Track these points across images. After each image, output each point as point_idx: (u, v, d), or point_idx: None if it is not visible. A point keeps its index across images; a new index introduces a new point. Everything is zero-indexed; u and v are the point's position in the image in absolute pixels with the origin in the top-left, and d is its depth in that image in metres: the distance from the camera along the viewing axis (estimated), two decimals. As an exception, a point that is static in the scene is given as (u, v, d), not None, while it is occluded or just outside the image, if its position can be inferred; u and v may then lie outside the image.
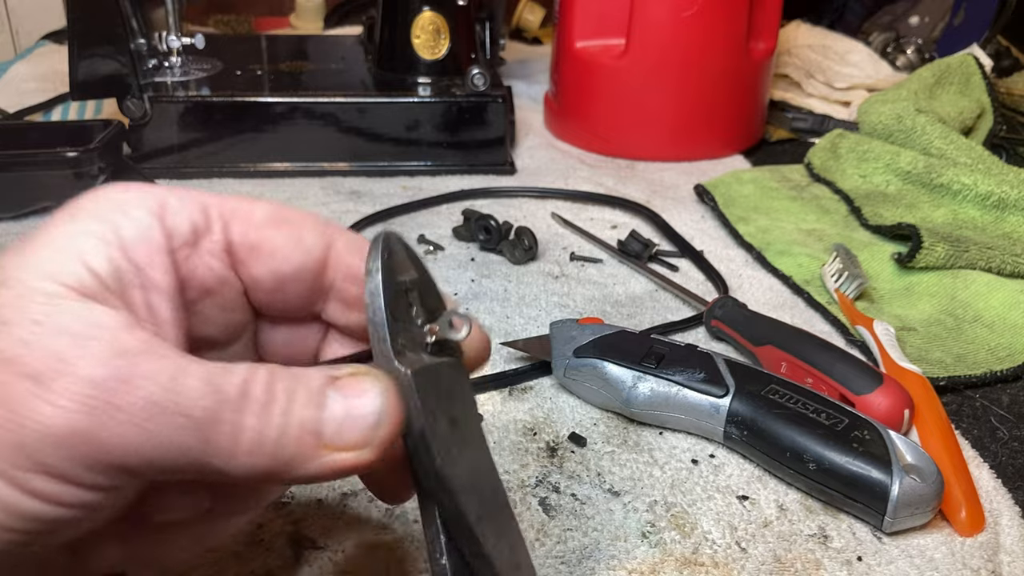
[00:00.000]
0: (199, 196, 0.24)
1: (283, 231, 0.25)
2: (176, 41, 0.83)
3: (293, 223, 0.25)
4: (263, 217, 0.25)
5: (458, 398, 0.25)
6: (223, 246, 0.24)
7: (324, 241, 0.25)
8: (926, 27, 1.19)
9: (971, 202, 0.71)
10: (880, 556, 0.38)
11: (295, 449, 0.21)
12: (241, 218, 0.25)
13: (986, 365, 0.52)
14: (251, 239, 0.25)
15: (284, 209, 0.25)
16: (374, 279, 0.23)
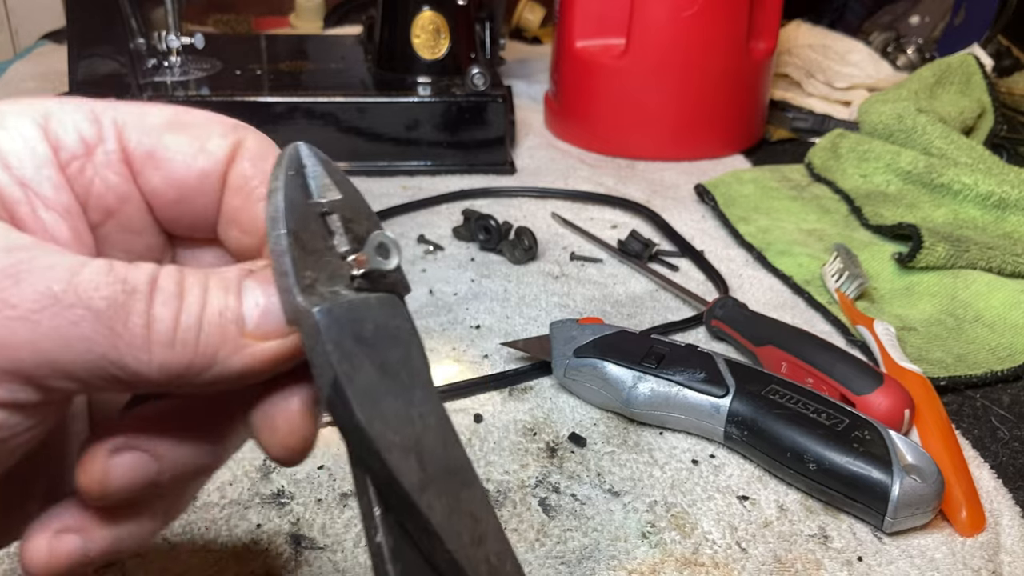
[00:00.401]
0: (89, 103, 0.22)
1: (182, 134, 0.22)
2: (175, 41, 0.83)
3: (194, 125, 0.22)
4: (160, 120, 0.22)
5: (392, 339, 0.22)
6: (119, 156, 0.22)
7: (231, 143, 0.22)
8: (926, 27, 1.19)
9: (972, 202, 0.71)
10: (880, 556, 0.38)
11: (218, 338, 0.19)
12: (136, 123, 0.22)
13: (987, 365, 0.52)
14: (146, 145, 0.22)
15: (185, 111, 0.23)
16: (274, 200, 0.21)
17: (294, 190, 0.21)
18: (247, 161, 0.22)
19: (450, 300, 0.60)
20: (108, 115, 0.22)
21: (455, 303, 0.59)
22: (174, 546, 0.37)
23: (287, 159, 0.21)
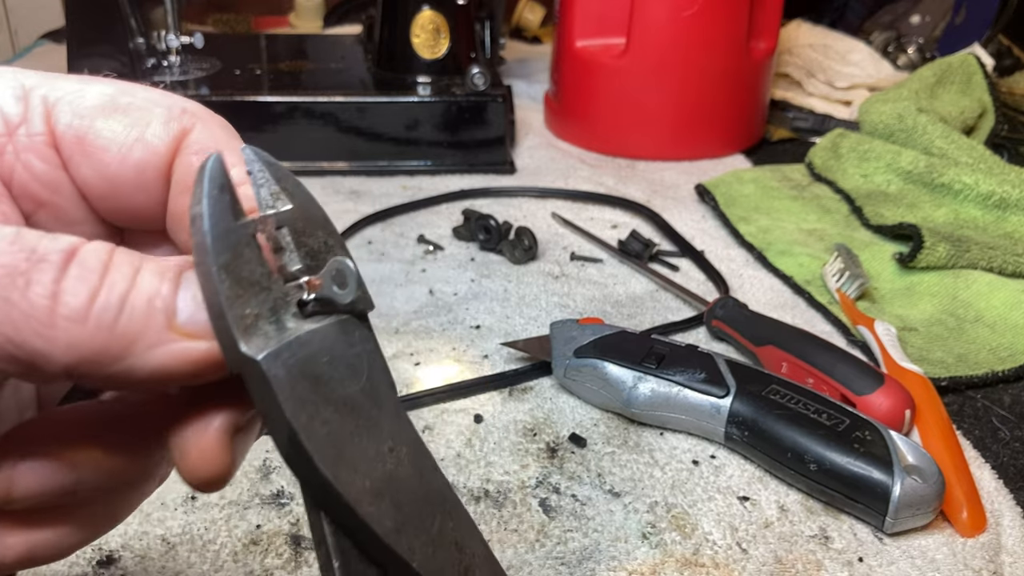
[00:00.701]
0: (20, 75, 0.19)
1: (117, 118, 0.19)
2: (175, 40, 0.83)
3: (134, 109, 0.19)
4: (96, 100, 0.19)
5: (351, 369, 0.19)
6: (46, 140, 0.19)
7: (174, 132, 0.19)
8: (927, 26, 1.19)
9: (972, 202, 0.71)
10: (881, 557, 0.38)
11: (141, 325, 0.17)
12: (69, 103, 0.19)
13: (987, 365, 0.52)
14: (76, 129, 0.19)
15: (130, 90, 0.20)
16: (197, 230, 0.17)
17: (220, 213, 0.18)
18: (194, 156, 0.19)
19: (450, 300, 0.59)
20: (39, 91, 0.19)
21: (455, 303, 0.59)
22: (173, 546, 0.37)
23: (207, 177, 0.18)
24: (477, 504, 0.41)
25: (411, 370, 0.51)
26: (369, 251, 0.67)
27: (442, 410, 0.47)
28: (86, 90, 0.19)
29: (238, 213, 0.18)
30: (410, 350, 0.53)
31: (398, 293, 0.60)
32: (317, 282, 0.19)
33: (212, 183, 0.18)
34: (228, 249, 0.17)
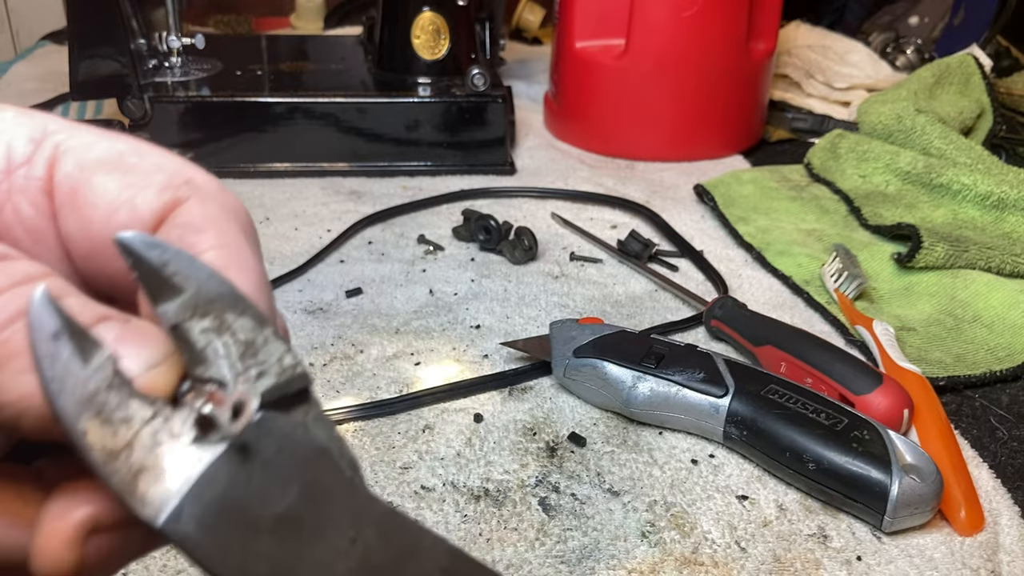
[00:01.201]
0: (42, 121, 0.18)
1: (116, 177, 0.17)
2: (176, 41, 0.83)
3: (136, 171, 0.18)
4: (101, 155, 0.18)
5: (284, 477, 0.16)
6: (43, 185, 0.17)
7: (166, 201, 0.17)
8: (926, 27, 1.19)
9: (971, 202, 0.71)
10: (880, 556, 0.38)
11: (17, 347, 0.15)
12: (76, 153, 0.18)
13: (985, 365, 0.52)
14: (74, 180, 0.17)
15: (140, 151, 0.18)
16: (47, 393, 0.15)
17: (63, 370, 0.15)
18: (177, 229, 0.17)
19: (450, 300, 0.60)
20: (55, 137, 0.18)
21: (455, 303, 0.59)
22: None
23: (33, 330, 0.15)
24: (477, 503, 0.41)
25: (411, 370, 0.51)
26: (369, 251, 0.67)
27: (442, 409, 0.48)
28: (98, 144, 0.18)
29: (88, 351, 0.15)
30: (410, 350, 0.53)
31: (398, 293, 0.60)
32: (219, 396, 0.16)
33: (41, 336, 0.15)
34: (87, 409, 0.15)
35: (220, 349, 0.16)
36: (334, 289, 0.61)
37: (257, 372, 0.16)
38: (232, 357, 0.16)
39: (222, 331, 0.16)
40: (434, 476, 0.43)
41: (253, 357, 0.16)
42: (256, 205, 0.74)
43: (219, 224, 0.17)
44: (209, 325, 0.16)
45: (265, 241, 0.68)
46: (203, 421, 0.15)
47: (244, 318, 0.16)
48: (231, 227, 0.18)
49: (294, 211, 0.73)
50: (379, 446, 0.45)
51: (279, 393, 0.16)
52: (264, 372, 0.16)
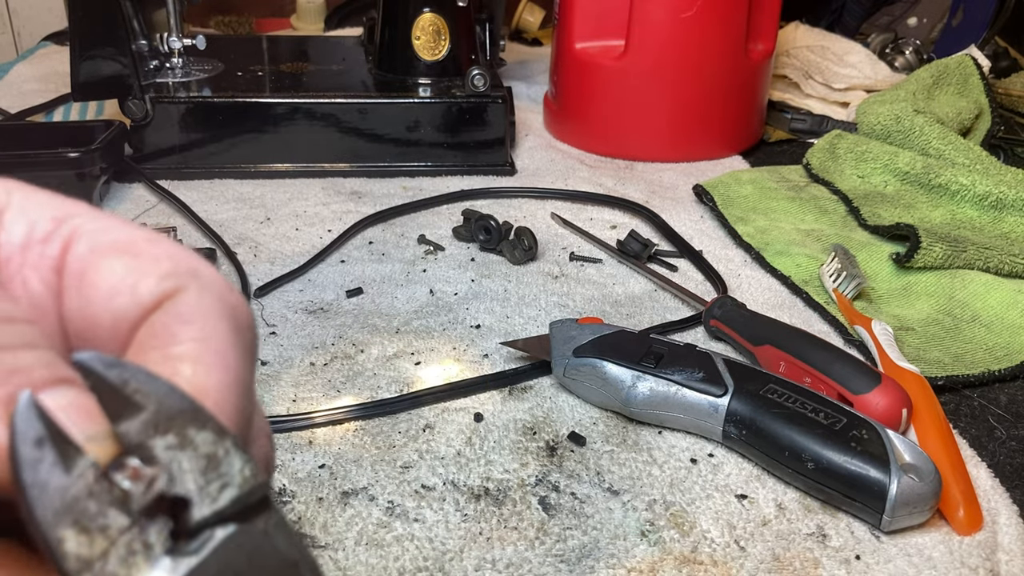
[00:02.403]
0: (69, 204, 0.19)
1: (124, 261, 0.18)
2: (177, 42, 0.83)
3: (145, 257, 0.18)
4: (112, 240, 0.18)
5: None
6: (55, 264, 0.18)
7: (165, 289, 0.18)
8: (924, 28, 1.19)
9: (969, 202, 0.72)
10: (878, 555, 0.39)
11: None
12: (92, 236, 0.18)
13: (984, 364, 0.52)
14: (85, 261, 0.18)
15: (154, 241, 0.18)
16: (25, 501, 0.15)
17: (45, 475, 0.15)
18: (165, 316, 0.17)
19: (450, 300, 0.60)
20: (77, 220, 0.18)
21: (455, 303, 0.59)
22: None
23: (19, 437, 0.15)
24: (477, 502, 0.41)
25: (412, 369, 0.51)
26: (370, 251, 0.67)
27: (442, 409, 0.48)
28: (114, 229, 0.18)
29: (70, 457, 0.15)
30: (411, 349, 0.53)
31: (399, 293, 0.61)
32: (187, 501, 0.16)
33: (24, 441, 0.15)
34: (65, 516, 0.15)
35: (184, 464, 0.16)
36: (335, 289, 0.61)
37: (220, 484, 0.16)
38: (195, 472, 0.16)
39: (184, 446, 0.16)
40: (434, 475, 0.43)
41: (215, 470, 0.16)
42: (257, 205, 0.75)
43: (208, 317, 0.17)
44: (172, 441, 0.16)
45: (266, 241, 0.68)
46: (176, 534, 0.15)
47: (205, 431, 0.16)
48: (220, 322, 0.18)
49: (295, 211, 0.74)
50: (379, 445, 0.45)
51: (242, 504, 0.16)
52: (227, 484, 0.16)
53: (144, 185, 0.76)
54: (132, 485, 0.15)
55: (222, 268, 0.63)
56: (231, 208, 0.74)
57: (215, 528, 0.16)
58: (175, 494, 0.15)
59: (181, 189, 0.76)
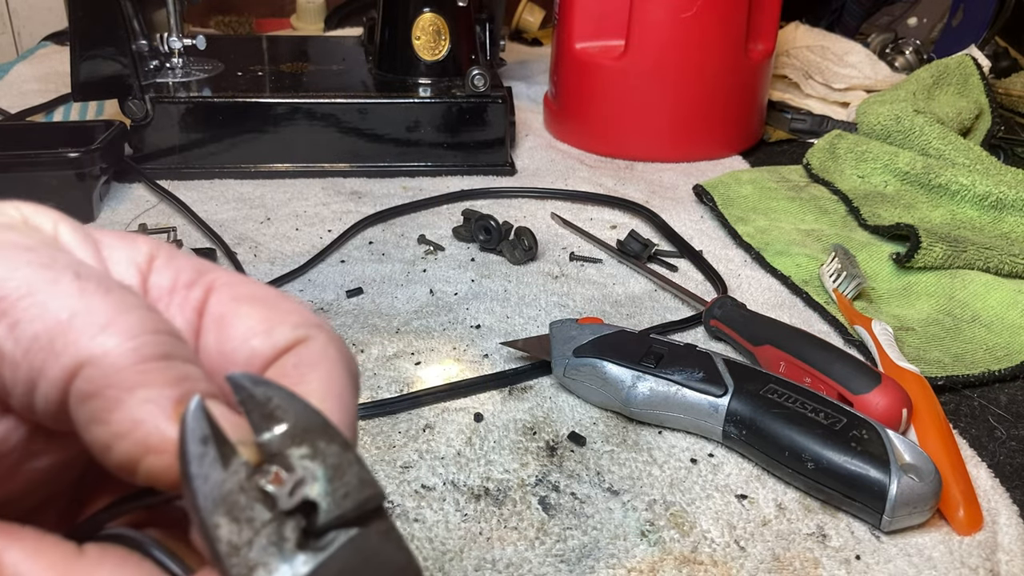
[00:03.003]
0: (208, 263, 0.22)
1: (260, 310, 0.21)
2: (177, 42, 0.83)
3: (276, 309, 0.21)
4: (249, 292, 0.21)
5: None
6: (197, 305, 0.21)
7: (295, 338, 0.20)
8: (924, 28, 1.19)
9: (969, 202, 0.72)
10: (878, 555, 0.39)
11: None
12: (231, 288, 0.21)
13: (984, 365, 0.52)
14: (224, 306, 0.21)
15: (278, 295, 0.21)
16: (187, 490, 0.17)
17: (207, 469, 0.18)
18: (297, 359, 0.20)
19: (450, 300, 0.60)
20: (213, 273, 0.21)
21: (455, 303, 0.59)
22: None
23: (188, 432, 0.18)
24: (477, 502, 0.41)
25: (412, 369, 0.51)
26: (370, 251, 0.67)
27: (443, 409, 0.48)
28: (249, 284, 0.21)
29: (227, 456, 0.18)
30: (411, 349, 0.53)
31: (399, 293, 0.61)
32: (316, 505, 0.18)
33: (193, 438, 0.18)
34: (221, 506, 0.17)
35: (315, 472, 0.18)
36: (335, 289, 0.61)
37: (343, 492, 0.18)
38: (324, 480, 0.18)
39: (315, 457, 0.18)
40: (434, 475, 0.43)
41: (340, 479, 0.18)
42: (257, 205, 0.75)
43: (330, 364, 0.20)
44: (306, 452, 0.18)
45: (266, 241, 0.68)
46: (305, 530, 0.18)
47: (333, 445, 0.19)
48: (340, 369, 0.20)
49: (295, 211, 0.74)
50: (380, 445, 0.45)
51: (361, 510, 0.18)
52: (349, 492, 0.18)
53: (144, 185, 0.76)
54: (274, 489, 0.18)
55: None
56: (231, 208, 0.74)
57: (339, 530, 0.18)
58: (306, 498, 0.18)
59: (181, 189, 0.76)
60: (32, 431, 0.19)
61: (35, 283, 0.18)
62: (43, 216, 0.21)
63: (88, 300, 0.18)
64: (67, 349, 0.17)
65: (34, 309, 0.18)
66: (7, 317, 0.18)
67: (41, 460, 0.20)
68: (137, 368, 0.18)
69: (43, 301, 0.18)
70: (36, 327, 0.17)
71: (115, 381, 0.17)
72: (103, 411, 0.17)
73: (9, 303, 0.18)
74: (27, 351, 0.17)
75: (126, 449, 0.18)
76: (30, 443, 0.20)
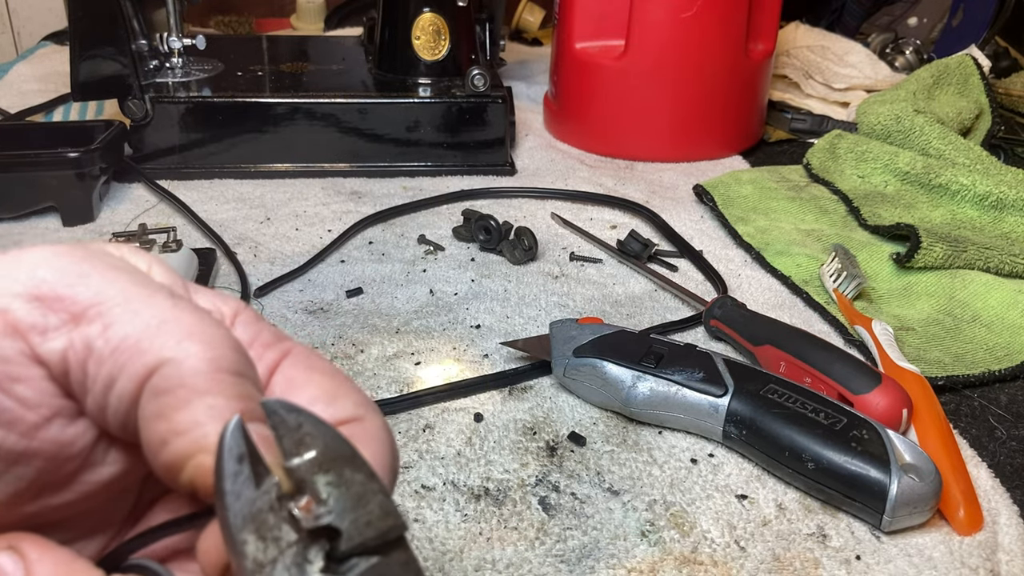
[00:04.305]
0: (284, 335, 0.23)
1: (327, 382, 0.22)
2: (177, 42, 0.83)
3: (343, 384, 0.23)
4: (320, 365, 0.23)
5: None
6: (270, 364, 0.22)
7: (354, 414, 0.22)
8: (924, 28, 1.19)
9: (969, 202, 0.72)
10: (879, 555, 0.39)
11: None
12: (306, 357, 0.23)
13: (984, 364, 0.52)
14: (296, 371, 0.22)
15: (346, 376, 0.23)
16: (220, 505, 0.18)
17: (240, 486, 0.18)
18: (352, 432, 0.21)
19: (450, 300, 0.60)
20: (288, 342, 0.23)
21: (455, 303, 0.59)
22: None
23: (226, 450, 0.18)
24: (477, 502, 0.41)
25: (412, 369, 0.51)
26: (370, 251, 0.67)
27: (443, 409, 0.48)
28: (322, 359, 0.23)
29: (260, 476, 0.18)
30: (411, 349, 0.53)
31: (399, 293, 0.60)
32: (343, 533, 0.18)
33: (230, 455, 0.18)
34: (250, 523, 0.18)
35: (340, 500, 0.18)
36: (335, 289, 0.61)
37: (366, 520, 0.18)
38: (348, 508, 0.18)
39: (340, 484, 0.19)
40: (434, 475, 0.43)
41: (364, 508, 0.18)
42: (257, 205, 0.75)
43: (379, 444, 0.22)
44: (332, 479, 0.19)
45: (266, 241, 0.68)
46: (329, 555, 0.18)
47: (359, 474, 0.19)
48: (386, 450, 0.22)
49: (295, 211, 0.74)
50: (380, 445, 0.45)
51: (382, 539, 0.19)
52: (371, 521, 0.18)
53: (144, 185, 0.76)
54: (301, 515, 0.18)
55: (222, 268, 0.63)
56: (231, 208, 0.74)
57: (360, 558, 0.18)
58: (330, 524, 0.18)
59: (181, 189, 0.76)
60: (96, 440, 0.21)
61: (132, 294, 0.20)
62: (139, 257, 0.22)
63: (178, 313, 0.20)
64: (152, 348, 0.19)
65: (128, 315, 0.19)
66: (102, 318, 0.19)
67: (97, 473, 0.21)
68: (211, 376, 0.19)
69: (137, 308, 0.19)
70: (127, 328, 0.19)
71: (189, 382, 0.19)
72: (170, 408, 0.19)
73: (106, 307, 0.19)
74: (115, 349, 0.19)
75: (181, 446, 0.19)
76: (93, 452, 0.21)
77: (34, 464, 0.20)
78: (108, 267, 0.20)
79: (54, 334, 0.19)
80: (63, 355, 0.19)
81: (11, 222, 0.69)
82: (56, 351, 0.19)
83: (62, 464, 0.20)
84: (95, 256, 0.20)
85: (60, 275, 0.19)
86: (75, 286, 0.19)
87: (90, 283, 0.20)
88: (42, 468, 0.20)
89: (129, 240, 0.60)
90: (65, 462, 0.20)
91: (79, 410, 0.20)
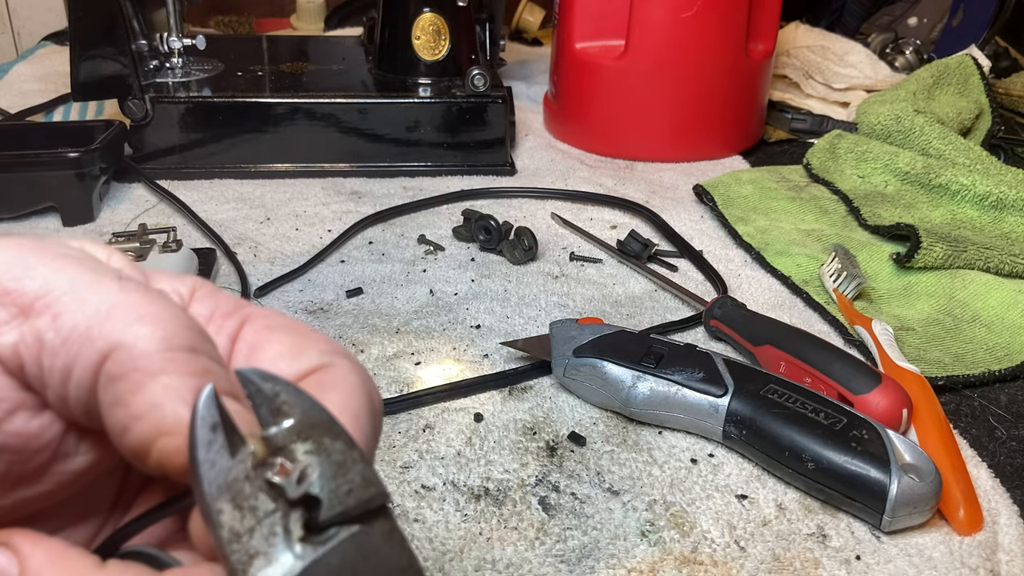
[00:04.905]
0: (243, 301, 0.23)
1: (291, 337, 0.22)
2: (177, 42, 0.83)
3: (306, 338, 0.22)
4: (285, 322, 0.22)
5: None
6: (232, 333, 0.22)
7: (320, 363, 0.22)
8: (924, 28, 1.19)
9: (969, 202, 0.72)
10: (879, 555, 0.39)
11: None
12: (265, 319, 0.22)
13: (984, 364, 0.52)
14: (257, 335, 0.22)
15: (309, 328, 0.23)
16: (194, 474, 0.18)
17: (215, 455, 0.18)
18: (318, 380, 0.21)
19: (450, 300, 0.60)
20: (249, 308, 0.23)
21: (455, 303, 0.59)
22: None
23: (199, 418, 0.18)
24: (477, 503, 0.41)
25: (412, 369, 0.51)
26: (370, 251, 0.67)
27: (442, 409, 0.48)
28: (283, 316, 0.23)
29: (235, 445, 0.18)
30: (411, 349, 0.53)
31: (399, 293, 0.60)
32: (318, 500, 0.18)
33: (203, 424, 0.18)
34: (225, 492, 0.18)
35: (318, 468, 0.18)
36: (335, 289, 0.61)
37: (347, 489, 0.18)
38: (327, 476, 0.18)
39: (319, 452, 0.18)
40: (434, 475, 0.43)
41: (344, 476, 0.18)
42: (257, 205, 0.75)
43: (349, 387, 0.21)
44: (310, 447, 0.18)
45: (266, 241, 0.68)
46: (307, 523, 0.18)
47: (338, 442, 0.19)
48: (359, 395, 0.21)
49: (295, 211, 0.74)
50: (380, 445, 0.45)
51: (364, 508, 0.18)
52: (352, 489, 0.18)
53: (144, 185, 0.76)
54: (280, 480, 0.18)
55: (222, 268, 0.63)
56: (231, 208, 0.74)
57: (341, 527, 0.18)
58: (309, 493, 0.18)
59: (181, 189, 0.76)
60: (65, 431, 0.20)
61: (79, 281, 0.19)
62: (98, 248, 0.22)
63: (127, 296, 0.19)
64: (102, 335, 0.19)
65: (76, 303, 0.19)
66: (51, 309, 0.19)
67: (71, 463, 0.21)
68: (163, 355, 0.19)
69: (85, 296, 0.19)
70: (76, 317, 0.19)
71: (141, 365, 0.18)
72: (126, 392, 0.18)
73: (53, 298, 0.19)
74: (66, 340, 0.19)
75: (142, 430, 0.18)
76: (62, 443, 0.20)
77: (2, 458, 0.19)
78: (55, 256, 0.20)
79: (3, 328, 0.19)
80: (15, 349, 0.19)
81: (11, 222, 0.69)
82: (7, 346, 0.19)
83: (31, 456, 0.20)
84: (42, 247, 0.20)
85: (5, 268, 0.19)
86: (21, 279, 0.19)
87: (36, 274, 0.19)
88: (12, 461, 0.20)
89: (129, 240, 0.60)
90: (35, 454, 0.20)
91: (42, 402, 0.20)
